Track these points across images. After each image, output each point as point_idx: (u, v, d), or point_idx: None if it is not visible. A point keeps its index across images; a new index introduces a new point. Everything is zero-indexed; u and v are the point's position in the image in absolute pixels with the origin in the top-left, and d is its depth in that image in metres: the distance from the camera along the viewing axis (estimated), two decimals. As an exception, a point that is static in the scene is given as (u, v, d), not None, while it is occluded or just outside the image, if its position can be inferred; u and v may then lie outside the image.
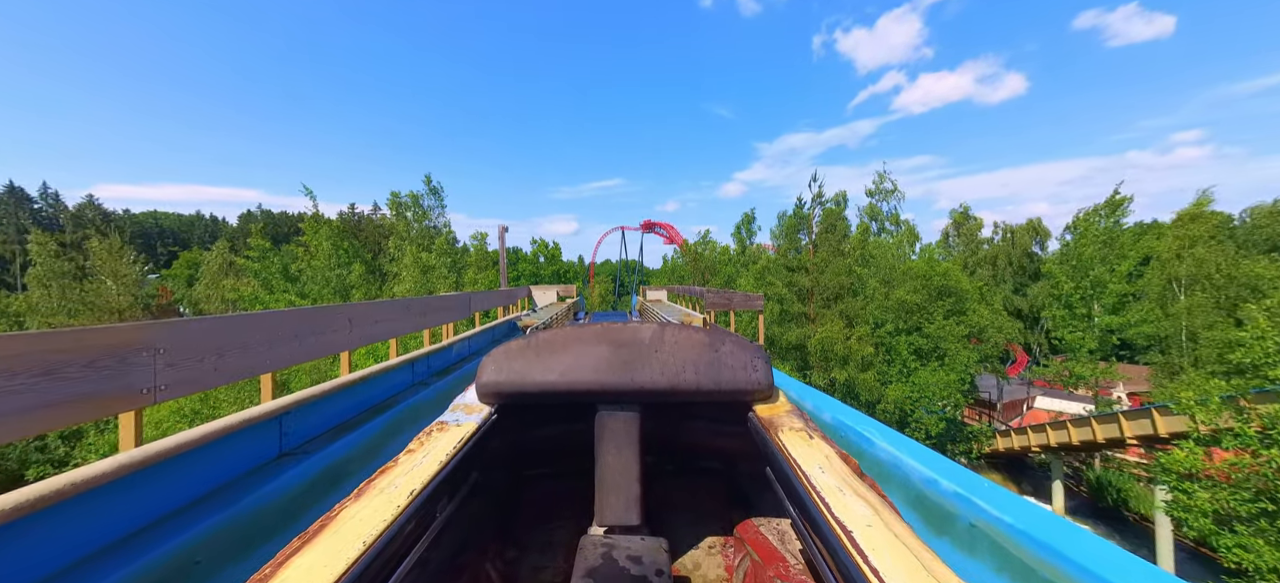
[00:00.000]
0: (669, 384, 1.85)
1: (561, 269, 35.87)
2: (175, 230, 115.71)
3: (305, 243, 21.99)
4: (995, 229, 41.91)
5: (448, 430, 1.72)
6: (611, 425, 1.91)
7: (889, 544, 1.06)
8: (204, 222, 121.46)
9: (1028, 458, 28.34)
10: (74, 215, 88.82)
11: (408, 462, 1.48)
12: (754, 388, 1.90)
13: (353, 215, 57.25)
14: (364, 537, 1.08)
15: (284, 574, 0.95)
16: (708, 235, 34.81)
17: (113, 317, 27.82)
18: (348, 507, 1.20)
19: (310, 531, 1.10)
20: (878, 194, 39.96)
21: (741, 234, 43.81)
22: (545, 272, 34.14)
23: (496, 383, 1.92)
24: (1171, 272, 25.57)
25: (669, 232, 52.17)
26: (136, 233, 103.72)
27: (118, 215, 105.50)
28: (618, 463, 1.88)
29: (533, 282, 30.77)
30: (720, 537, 2.24)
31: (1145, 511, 22.87)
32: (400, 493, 1.28)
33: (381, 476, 1.38)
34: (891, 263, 28.81)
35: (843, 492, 1.29)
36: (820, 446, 1.58)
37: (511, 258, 32.72)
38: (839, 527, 1.13)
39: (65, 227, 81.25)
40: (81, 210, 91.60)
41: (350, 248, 23.28)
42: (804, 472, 1.41)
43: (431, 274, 22.10)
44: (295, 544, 1.05)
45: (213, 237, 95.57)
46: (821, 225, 24.29)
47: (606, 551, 1.61)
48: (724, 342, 1.95)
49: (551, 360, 1.90)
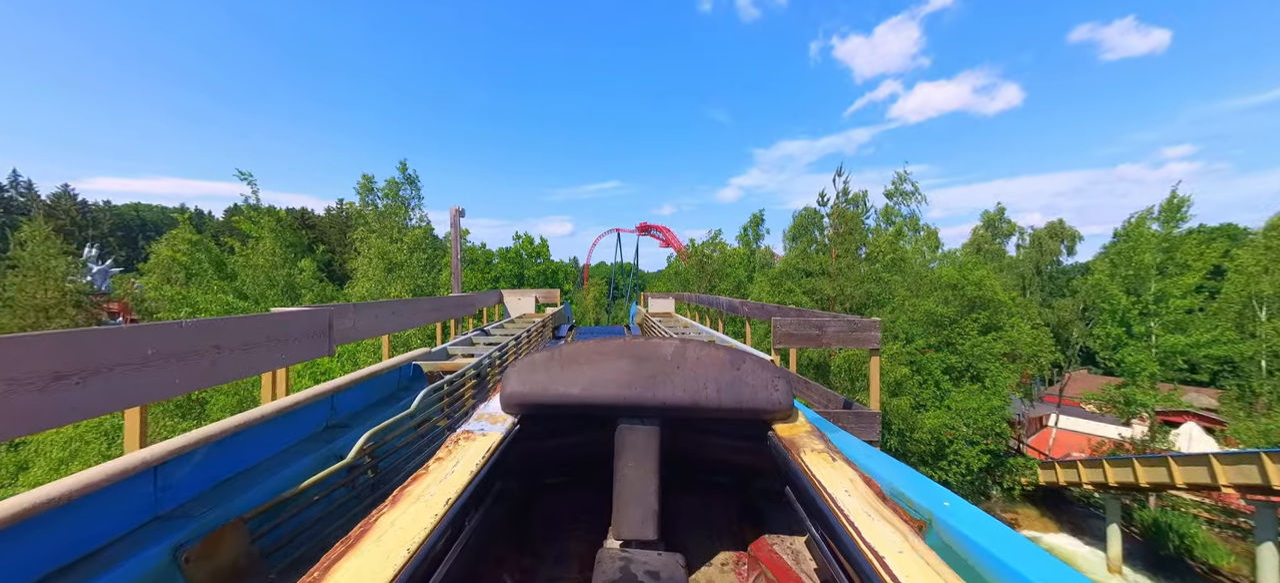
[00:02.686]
0: (691, 400, 1.85)
1: (549, 270, 31.76)
2: (158, 223, 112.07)
3: (244, 235, 18.82)
4: (1020, 234, 38.51)
5: (474, 440, 1.73)
6: (632, 439, 1.91)
7: (921, 571, 1.04)
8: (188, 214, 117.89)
9: (1066, 492, 25.36)
10: (48, 206, 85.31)
11: (439, 470, 1.49)
12: (775, 408, 1.90)
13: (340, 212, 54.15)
14: (407, 544, 1.08)
15: (333, 578, 0.96)
16: (718, 236, 31.47)
17: (38, 315, 24.49)
18: (386, 513, 1.21)
19: (352, 536, 1.10)
20: (896, 196, 36.93)
21: (748, 237, 40.77)
22: (530, 272, 30.21)
23: (521, 394, 1.92)
24: (1254, 288, 22.37)
25: (665, 235, 51.05)
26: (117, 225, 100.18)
27: (96, 207, 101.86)
28: (636, 476, 1.87)
29: (515, 285, 27.28)
30: (733, 553, 2.23)
31: (1215, 561, 19.79)
32: (436, 502, 1.29)
33: (414, 483, 1.40)
34: (918, 271, 25.70)
35: (871, 516, 1.28)
36: (844, 468, 1.58)
37: (486, 257, 29.13)
38: (870, 551, 1.12)
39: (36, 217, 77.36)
40: (57, 200, 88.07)
41: (299, 243, 20.13)
42: (829, 494, 1.40)
43: (398, 273, 18.81)
44: (339, 550, 1.05)
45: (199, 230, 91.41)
46: (844, 227, 21.23)
47: (624, 565, 1.61)
48: (745, 360, 1.95)
49: (575, 373, 1.90)
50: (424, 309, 6.12)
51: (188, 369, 2.28)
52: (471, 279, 25.49)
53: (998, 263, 36.18)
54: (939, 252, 37.18)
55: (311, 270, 19.99)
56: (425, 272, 22.67)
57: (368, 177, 21.15)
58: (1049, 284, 35.13)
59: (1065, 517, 24.79)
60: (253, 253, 18.98)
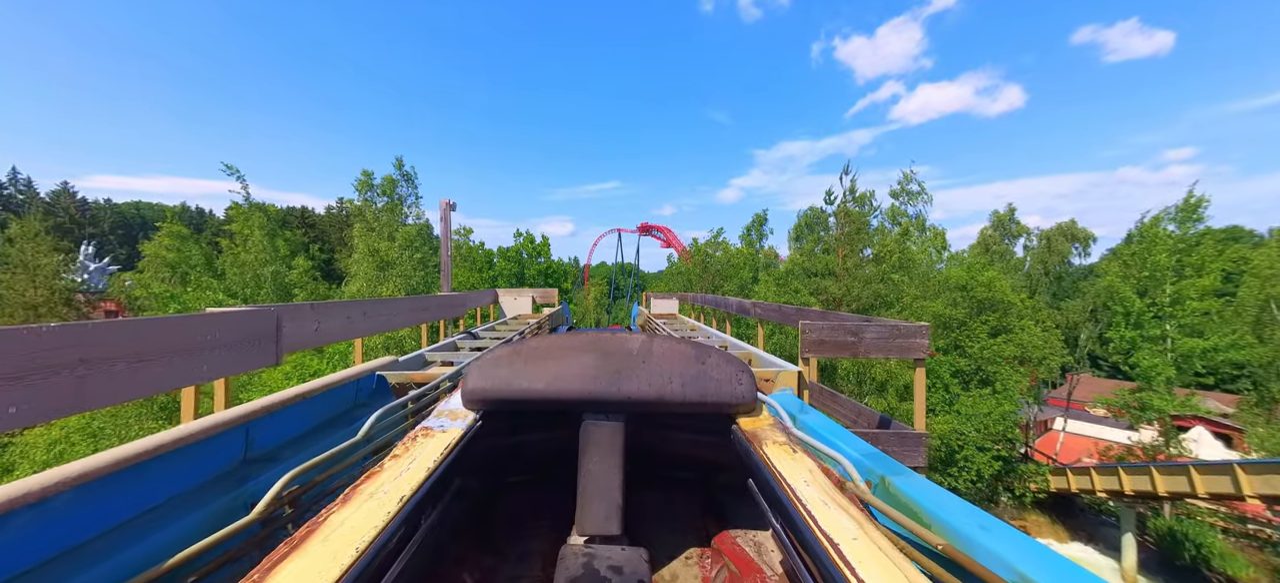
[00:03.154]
0: (656, 395, 1.84)
1: (551, 269, 30.95)
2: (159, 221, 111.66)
3: (232, 233, 18.29)
4: (1027, 235, 37.66)
5: (433, 436, 1.69)
6: (596, 434, 1.88)
7: (874, 557, 1.07)
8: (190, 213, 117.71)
9: (1077, 499, 24.73)
10: (47, 203, 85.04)
11: (394, 468, 1.44)
12: (738, 402, 1.90)
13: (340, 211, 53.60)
14: (356, 543, 1.05)
15: (273, 580, 0.92)
16: (720, 235, 30.71)
17: (28, 313, 24.01)
18: (336, 512, 1.17)
19: (298, 536, 1.06)
20: (902, 196, 36.29)
21: (751, 237, 40.11)
22: (531, 271, 29.43)
23: (482, 389, 1.89)
24: (1271, 291, 21.72)
25: (666, 235, 50.64)
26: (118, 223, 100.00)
27: (97, 204, 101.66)
28: (601, 472, 1.83)
29: (516, 285, 26.66)
30: (697, 548, 2.23)
31: (1233, 572, 19.18)
32: (390, 499, 1.24)
33: (367, 481, 1.35)
34: (925, 272, 25.09)
35: (827, 505, 1.30)
36: (803, 459, 1.59)
37: (487, 257, 28.35)
38: (825, 539, 1.14)
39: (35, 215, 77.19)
40: (56, 198, 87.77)
41: (292, 240, 19.60)
42: (789, 485, 1.41)
43: (390, 272, 18.22)
44: (282, 550, 1.01)
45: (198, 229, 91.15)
46: (851, 227, 20.63)
47: (587, 560, 1.60)
48: (709, 355, 1.94)
49: (539, 368, 1.86)
50: (405, 310, 5.49)
51: (34, 395, 1.62)
52: (471, 279, 24.88)
53: (1004, 264, 35.52)
54: (945, 253, 36.59)
55: (305, 268, 19.46)
56: (420, 270, 22.14)
57: (367, 172, 20.53)
58: (1056, 285, 34.38)
59: (1076, 524, 24.16)
60: (242, 250, 18.47)
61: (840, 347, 3.21)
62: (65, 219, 78.85)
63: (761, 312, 6.48)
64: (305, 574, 0.93)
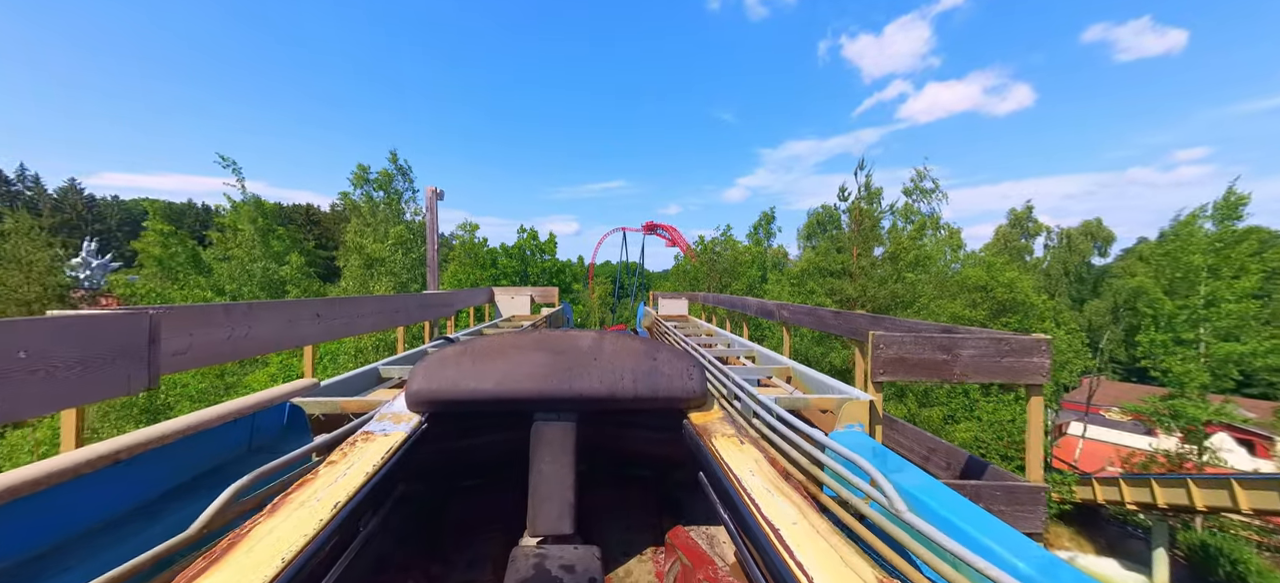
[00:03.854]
0: (608, 392, 1.82)
1: (555, 268, 29.54)
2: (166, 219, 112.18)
3: (223, 227, 17.68)
4: (1047, 233, 36.33)
5: (373, 440, 1.62)
6: (548, 434, 1.84)
7: (811, 540, 1.09)
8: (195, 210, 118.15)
9: (1101, 509, 23.65)
10: (54, 200, 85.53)
11: (329, 474, 1.38)
12: (689, 396, 1.91)
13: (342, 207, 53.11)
14: (283, 553, 1.00)
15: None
16: (728, 231, 29.65)
17: (20, 308, 23.59)
18: (262, 522, 1.12)
19: (217, 549, 1.01)
20: (915, 193, 35.19)
21: (758, 235, 39.17)
22: (534, 269, 28.29)
23: (427, 391, 1.82)
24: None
25: (671, 234, 50.15)
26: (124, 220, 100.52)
27: (103, 201, 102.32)
28: (552, 472, 1.80)
29: (519, 283, 25.74)
30: (651, 544, 2.23)
31: (1274, 591, 18.12)
32: (323, 507, 1.19)
33: (299, 488, 1.29)
34: (941, 270, 24.10)
35: (771, 493, 1.32)
36: (750, 450, 1.61)
37: (491, 256, 27.13)
38: (768, 526, 1.16)
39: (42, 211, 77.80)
40: (63, 195, 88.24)
41: (286, 236, 18.92)
42: (735, 476, 1.42)
43: (379, 269, 17.46)
44: (200, 565, 0.97)
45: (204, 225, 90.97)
46: (867, 223, 19.70)
47: (538, 561, 1.57)
48: (660, 351, 1.94)
49: (487, 367, 1.83)
50: (371, 311, 4.55)
51: None
52: (474, 276, 24.04)
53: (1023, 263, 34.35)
54: (960, 251, 35.51)
55: (298, 265, 18.79)
56: (420, 268, 21.42)
57: (363, 166, 19.78)
58: (1077, 286, 33.11)
59: (1100, 536, 23.08)
60: (231, 245, 17.84)
61: (926, 368, 2.37)
62: (71, 216, 79.16)
63: (790, 314, 5.53)
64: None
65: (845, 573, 0.98)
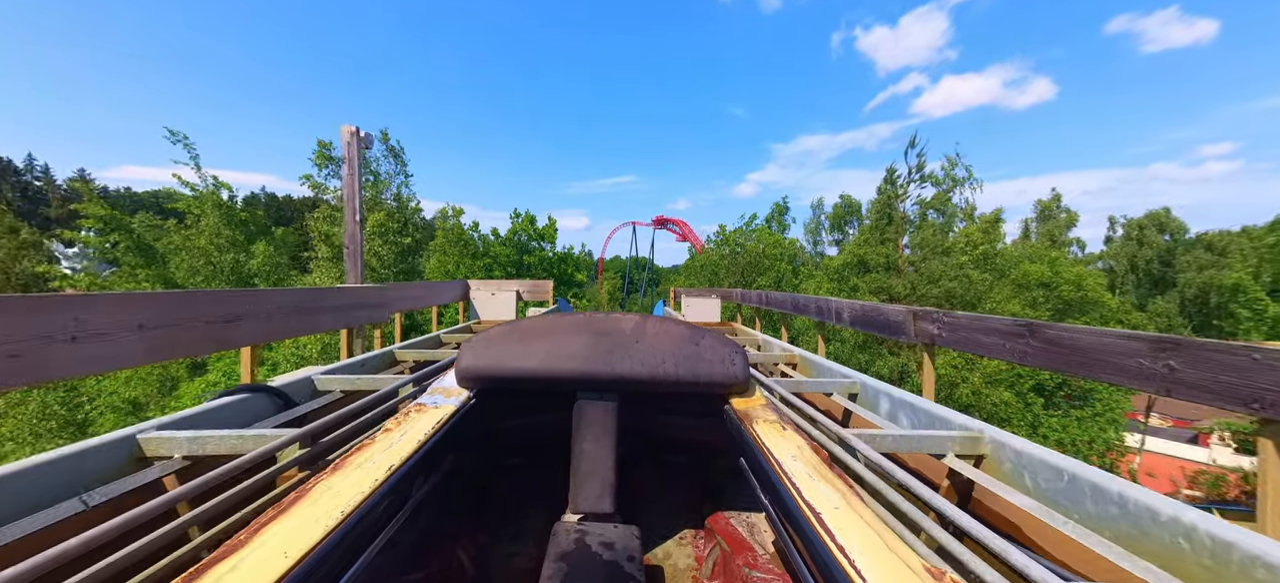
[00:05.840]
0: (649, 374, 1.84)
1: (556, 258, 25.81)
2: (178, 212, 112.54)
3: (182, 213, 15.63)
4: (1110, 224, 32.84)
5: (425, 412, 1.68)
6: (590, 413, 1.89)
7: (855, 525, 1.07)
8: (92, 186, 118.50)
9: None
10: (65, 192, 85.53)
11: (385, 440, 1.44)
12: (732, 381, 1.90)
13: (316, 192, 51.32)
14: (342, 507, 1.06)
15: (259, 539, 0.93)
16: (753, 222, 26.61)
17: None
18: (324, 479, 1.18)
19: (285, 501, 1.07)
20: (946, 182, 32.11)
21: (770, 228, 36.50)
22: (531, 260, 24.99)
23: (476, 367, 1.88)
24: None
25: (682, 228, 48.25)
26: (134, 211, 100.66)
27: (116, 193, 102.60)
28: (594, 451, 1.85)
29: (513, 274, 22.86)
30: (691, 528, 2.27)
31: None
32: (378, 469, 1.25)
33: (358, 452, 1.35)
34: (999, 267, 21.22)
35: (813, 478, 1.31)
36: (793, 436, 1.60)
37: (485, 246, 23.84)
38: (809, 510, 1.15)
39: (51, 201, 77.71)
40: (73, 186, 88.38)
41: (251, 222, 16.80)
42: (777, 460, 1.42)
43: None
44: (270, 514, 1.02)
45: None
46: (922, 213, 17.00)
47: (579, 537, 1.60)
48: (703, 336, 1.95)
49: (533, 346, 1.87)
50: (276, 309, 3.10)
51: None
52: (463, 270, 21.59)
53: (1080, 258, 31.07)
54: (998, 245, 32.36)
55: (265, 255, 16.62)
56: (404, 258, 19.14)
57: (324, 143, 17.23)
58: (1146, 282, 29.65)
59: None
60: (194, 234, 15.73)
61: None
62: (80, 207, 79.13)
63: (935, 323, 3.15)
64: (293, 534, 0.94)
65: (889, 559, 0.95)
